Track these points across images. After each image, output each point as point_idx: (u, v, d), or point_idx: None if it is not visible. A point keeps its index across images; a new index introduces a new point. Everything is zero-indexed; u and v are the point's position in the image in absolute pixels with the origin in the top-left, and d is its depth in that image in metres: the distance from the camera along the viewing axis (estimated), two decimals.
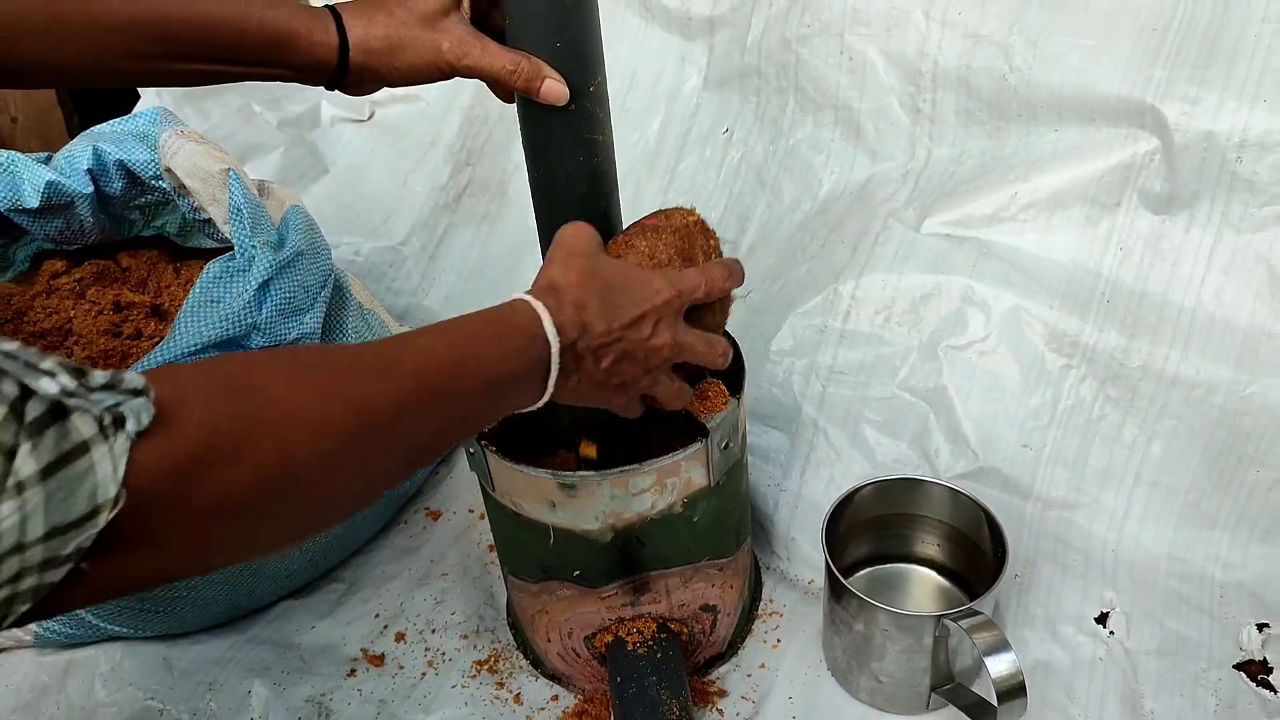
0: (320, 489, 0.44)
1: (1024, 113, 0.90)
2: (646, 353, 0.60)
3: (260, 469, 0.40)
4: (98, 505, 0.34)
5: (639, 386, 0.62)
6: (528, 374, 0.55)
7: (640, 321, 0.59)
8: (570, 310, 0.56)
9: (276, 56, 0.61)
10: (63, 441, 0.33)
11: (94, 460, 0.34)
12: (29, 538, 0.33)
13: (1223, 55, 0.81)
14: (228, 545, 0.42)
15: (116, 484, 0.35)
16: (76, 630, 0.89)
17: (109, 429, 0.35)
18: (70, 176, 0.88)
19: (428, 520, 1.01)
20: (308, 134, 1.32)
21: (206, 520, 0.39)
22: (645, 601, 0.78)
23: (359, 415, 0.45)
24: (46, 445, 0.33)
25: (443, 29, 0.63)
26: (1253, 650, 0.79)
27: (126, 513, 0.35)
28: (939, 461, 0.89)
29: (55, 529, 0.33)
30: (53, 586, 0.35)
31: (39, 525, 0.33)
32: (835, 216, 0.98)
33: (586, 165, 0.67)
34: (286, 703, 0.85)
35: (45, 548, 0.33)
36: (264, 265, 0.80)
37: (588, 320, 0.56)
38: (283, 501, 0.42)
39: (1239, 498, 0.83)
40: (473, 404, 0.52)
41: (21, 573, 0.33)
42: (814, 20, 0.98)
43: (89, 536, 0.34)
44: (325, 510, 0.46)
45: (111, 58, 0.58)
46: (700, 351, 0.64)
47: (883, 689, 0.78)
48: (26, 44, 0.56)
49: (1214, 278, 0.83)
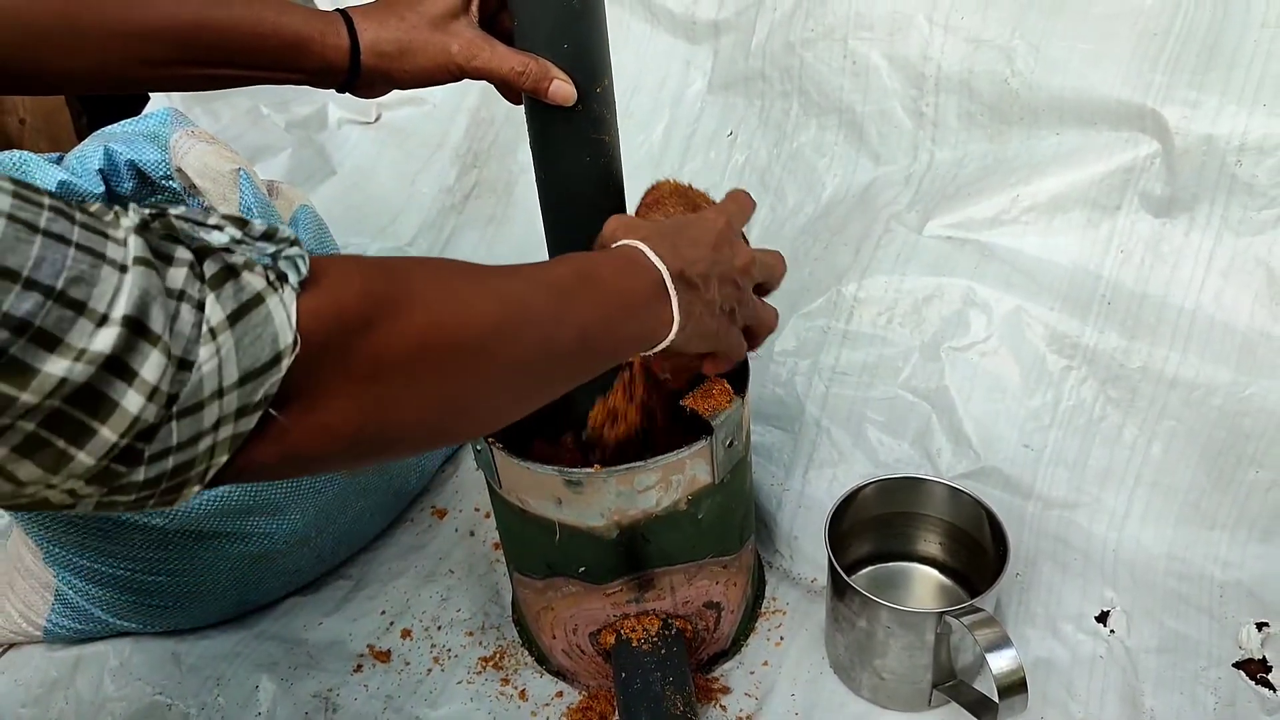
0: (468, 369, 0.46)
1: (1025, 116, 0.91)
2: (738, 272, 0.61)
3: (414, 333, 0.42)
4: (280, 350, 0.37)
5: (743, 313, 0.63)
6: (650, 297, 0.55)
7: (720, 245, 0.60)
8: (664, 247, 0.57)
9: (290, 60, 0.62)
10: (240, 293, 0.36)
11: (270, 308, 0.37)
12: (226, 382, 0.35)
13: (1222, 59, 0.82)
14: (384, 410, 0.43)
15: (292, 330, 0.37)
16: (86, 626, 0.90)
17: (276, 283, 0.37)
18: (82, 176, 0.89)
19: (434, 518, 1.02)
20: (315, 135, 1.33)
21: (365, 378, 0.41)
22: (650, 598, 0.78)
23: (501, 301, 0.47)
24: (228, 295, 0.36)
25: (452, 32, 0.64)
26: (1252, 649, 0.80)
27: (299, 361, 0.38)
28: (941, 461, 0.90)
29: (247, 374, 0.36)
30: (245, 437, 0.37)
31: (233, 370, 0.35)
32: (838, 219, 0.99)
33: (593, 165, 0.67)
34: (293, 698, 0.85)
35: (239, 394, 0.36)
36: None
37: (683, 252, 0.57)
38: (434, 373, 0.44)
39: (1238, 498, 0.84)
40: (606, 315, 0.53)
41: (221, 420, 0.36)
42: (818, 25, 0.99)
43: (274, 382, 0.37)
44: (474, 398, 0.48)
45: (128, 64, 0.59)
46: (770, 263, 0.66)
47: (885, 686, 0.79)
48: (44, 52, 0.56)
49: (1214, 280, 0.84)
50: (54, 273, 0.31)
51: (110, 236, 0.33)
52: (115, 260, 0.32)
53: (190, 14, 0.59)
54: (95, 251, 0.32)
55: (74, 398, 0.32)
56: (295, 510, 0.87)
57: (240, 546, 0.86)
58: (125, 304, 0.32)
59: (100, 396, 0.32)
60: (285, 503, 0.86)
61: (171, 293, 0.34)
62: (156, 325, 0.33)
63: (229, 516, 0.84)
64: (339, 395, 0.40)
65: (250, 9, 0.60)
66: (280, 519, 0.87)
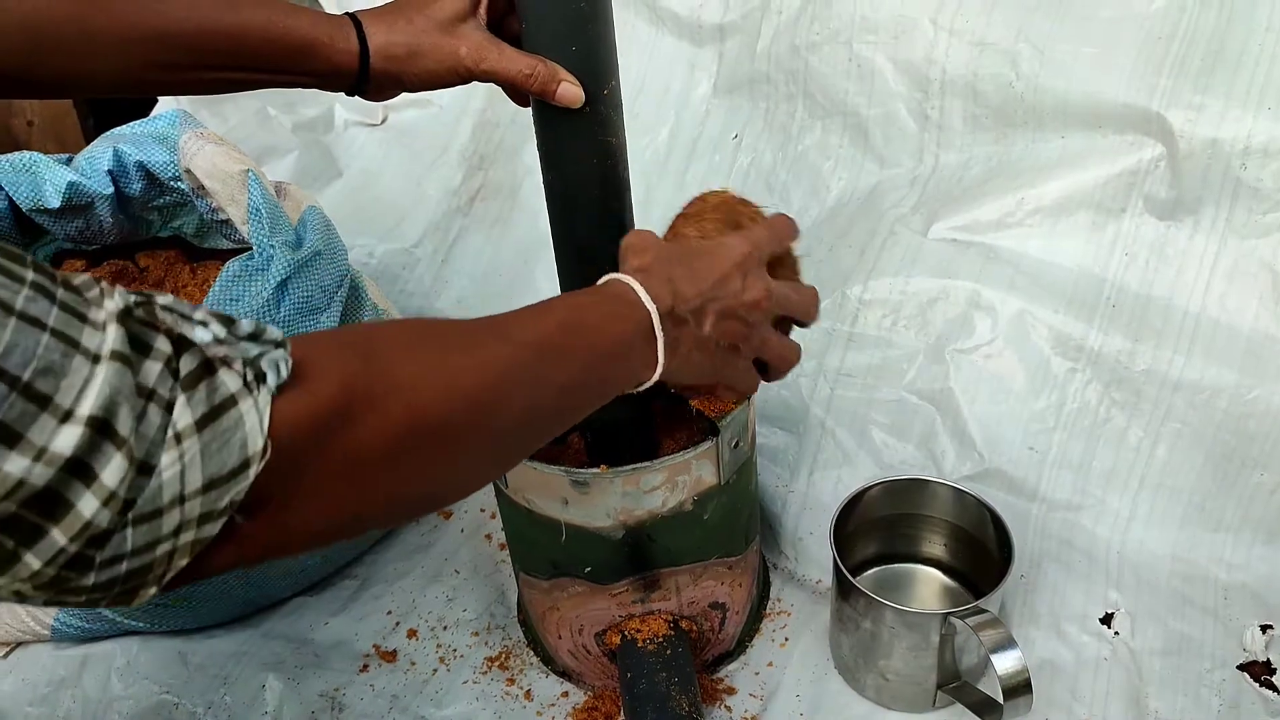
0: (449, 449, 0.45)
1: (1030, 119, 0.91)
2: (745, 307, 0.60)
3: (393, 424, 0.41)
4: (248, 456, 0.36)
5: (750, 347, 0.62)
6: (634, 339, 0.55)
7: (728, 278, 0.59)
8: (659, 281, 0.56)
9: (300, 64, 0.63)
10: (213, 395, 0.35)
11: (242, 412, 0.35)
12: (189, 489, 0.34)
13: (1227, 63, 0.82)
14: (362, 503, 0.42)
15: (263, 435, 0.36)
16: (93, 624, 0.90)
17: (252, 384, 0.36)
18: (91, 177, 0.90)
19: (440, 519, 1.02)
20: (322, 137, 1.34)
21: (342, 476, 0.40)
22: (655, 599, 0.79)
23: (482, 374, 0.46)
24: (200, 398, 0.34)
25: (460, 35, 0.64)
26: (1256, 651, 0.80)
27: (270, 467, 0.36)
28: (945, 463, 0.90)
29: (212, 480, 0.35)
30: (208, 542, 0.36)
31: (197, 477, 0.34)
32: (843, 221, 1.00)
33: (600, 167, 0.68)
34: (300, 697, 0.86)
35: (203, 500, 0.35)
36: (282, 265, 0.81)
37: (678, 287, 0.57)
38: (414, 459, 0.43)
39: (1243, 500, 0.84)
40: (590, 367, 0.53)
41: (182, 526, 0.35)
42: (823, 28, 0.99)
43: (241, 489, 0.36)
44: (455, 475, 0.47)
45: (140, 68, 0.60)
46: (794, 300, 0.64)
47: (889, 687, 0.79)
48: (58, 57, 0.57)
49: (1218, 283, 0.84)
50: (23, 362, 0.29)
51: (89, 320, 0.32)
52: (89, 350, 0.31)
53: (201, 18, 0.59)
54: (70, 339, 0.31)
55: (31, 500, 0.30)
56: None
57: None
58: (93, 402, 0.31)
59: (58, 499, 0.31)
60: None
61: (142, 390, 0.33)
62: (123, 427, 0.32)
63: None
64: (314, 496, 0.40)
65: (259, 13, 0.61)
66: None
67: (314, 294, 0.83)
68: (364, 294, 0.94)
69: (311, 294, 0.83)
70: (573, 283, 0.72)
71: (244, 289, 0.81)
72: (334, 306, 0.86)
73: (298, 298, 0.82)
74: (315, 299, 0.84)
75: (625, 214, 0.72)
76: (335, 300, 0.86)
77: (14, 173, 0.89)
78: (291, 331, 0.82)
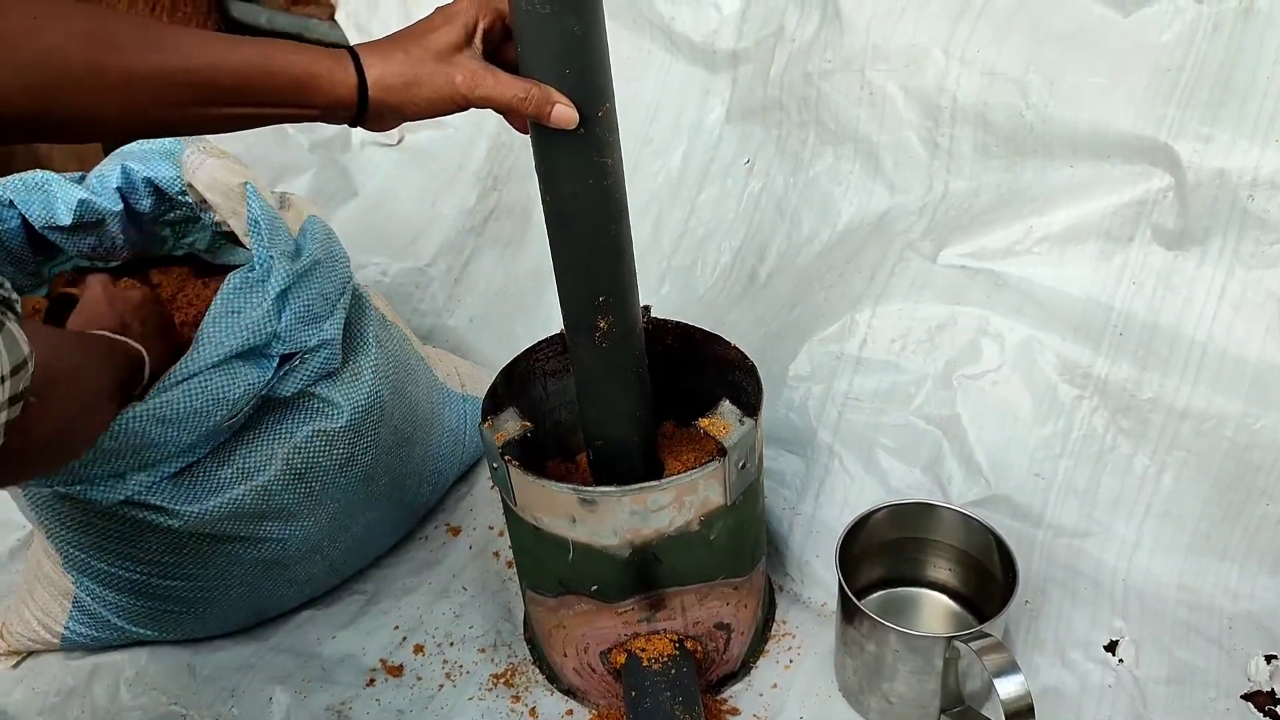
0: None
1: (1039, 148, 0.92)
2: None
3: None
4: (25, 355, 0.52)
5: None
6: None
7: None
8: None
9: (301, 98, 0.64)
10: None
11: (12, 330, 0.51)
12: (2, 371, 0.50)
13: (1235, 95, 0.83)
14: None
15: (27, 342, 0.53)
16: (102, 633, 0.91)
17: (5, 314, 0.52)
18: (101, 195, 0.91)
19: (448, 536, 1.03)
20: (339, 156, 1.35)
21: None
22: (661, 618, 0.79)
23: None
24: None
25: (456, 63, 0.65)
26: (1260, 681, 0.80)
27: None
28: (951, 488, 0.90)
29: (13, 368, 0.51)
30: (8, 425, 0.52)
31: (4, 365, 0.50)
32: (853, 247, 1.00)
33: (596, 188, 0.69)
34: (307, 710, 0.86)
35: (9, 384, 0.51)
36: (281, 275, 0.83)
37: None
38: None
39: (1248, 530, 0.84)
40: None
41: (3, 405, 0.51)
42: (835, 56, 1.00)
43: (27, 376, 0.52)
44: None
45: (147, 105, 0.61)
46: None
47: (893, 710, 0.79)
48: (70, 95, 0.59)
49: (1225, 312, 0.85)
50: None
51: None
52: None
53: (204, 57, 0.61)
54: None
55: None
56: (307, 516, 0.89)
57: (253, 551, 0.87)
58: None
59: None
60: (297, 508, 0.88)
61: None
62: None
63: (242, 520, 0.85)
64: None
65: (260, 50, 0.63)
66: (293, 524, 0.88)
67: (315, 302, 0.84)
68: (367, 302, 0.94)
69: (313, 302, 0.84)
70: (571, 302, 0.73)
71: (244, 300, 0.82)
72: (336, 314, 0.87)
73: (299, 307, 0.83)
74: (316, 307, 0.85)
75: (623, 234, 0.72)
76: (338, 308, 0.87)
77: (26, 191, 0.90)
78: (295, 340, 0.83)
